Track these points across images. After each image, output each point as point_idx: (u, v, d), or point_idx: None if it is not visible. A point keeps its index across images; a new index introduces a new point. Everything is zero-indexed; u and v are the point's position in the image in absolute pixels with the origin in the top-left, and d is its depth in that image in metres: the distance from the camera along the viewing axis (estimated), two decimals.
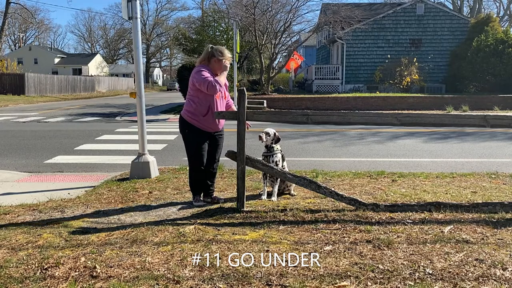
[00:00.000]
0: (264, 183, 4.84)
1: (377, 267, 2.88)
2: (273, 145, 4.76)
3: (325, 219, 3.91)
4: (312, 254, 3.10)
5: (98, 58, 67.17)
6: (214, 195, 4.75)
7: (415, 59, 23.67)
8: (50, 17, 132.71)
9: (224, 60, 4.39)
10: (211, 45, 4.44)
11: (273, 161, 4.65)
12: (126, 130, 12.78)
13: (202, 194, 4.66)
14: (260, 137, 4.68)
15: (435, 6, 25.61)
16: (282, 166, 4.73)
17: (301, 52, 36.44)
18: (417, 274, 2.78)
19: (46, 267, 2.92)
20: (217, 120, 4.44)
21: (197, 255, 3.07)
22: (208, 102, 4.39)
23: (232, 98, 17.59)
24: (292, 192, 4.92)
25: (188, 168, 4.65)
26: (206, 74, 4.29)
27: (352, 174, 6.11)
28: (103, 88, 47.64)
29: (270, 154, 4.74)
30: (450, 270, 2.83)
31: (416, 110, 18.30)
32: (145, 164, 5.98)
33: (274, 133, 4.77)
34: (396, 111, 11.07)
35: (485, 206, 4.09)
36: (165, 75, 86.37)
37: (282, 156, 4.82)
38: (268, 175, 4.74)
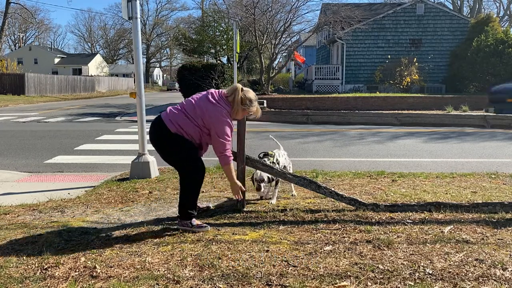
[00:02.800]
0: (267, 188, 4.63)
1: (377, 267, 2.88)
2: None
3: (325, 219, 3.91)
4: (312, 254, 3.10)
5: (98, 58, 67.19)
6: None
7: (415, 59, 23.67)
8: (50, 17, 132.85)
9: (252, 112, 3.80)
10: (241, 87, 3.72)
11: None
12: (126, 130, 12.78)
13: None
14: (258, 189, 4.32)
15: (435, 6, 25.62)
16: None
17: (301, 52, 36.47)
18: (417, 274, 2.78)
19: (46, 267, 2.92)
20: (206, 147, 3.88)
21: (197, 255, 3.07)
22: (203, 141, 3.75)
23: None
24: (293, 192, 4.87)
25: (186, 185, 3.70)
26: (229, 132, 3.60)
27: (352, 174, 6.11)
28: (103, 88, 47.65)
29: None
30: (450, 270, 2.83)
31: (416, 110, 18.30)
32: (145, 164, 5.98)
33: (269, 178, 4.36)
34: (396, 111, 11.07)
35: (485, 206, 4.10)
36: (165, 75, 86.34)
37: (277, 161, 4.53)
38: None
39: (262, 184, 4.29)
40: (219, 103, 3.60)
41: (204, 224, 3.70)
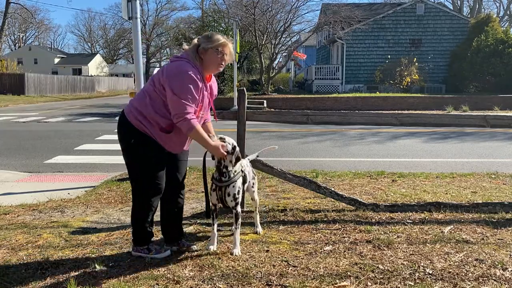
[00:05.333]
0: (213, 223, 3.18)
1: (377, 267, 2.88)
2: (230, 168, 3.00)
3: (325, 219, 3.91)
4: (312, 254, 3.10)
5: (98, 58, 67.15)
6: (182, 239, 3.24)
7: (415, 59, 23.69)
8: (50, 17, 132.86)
9: (218, 48, 2.84)
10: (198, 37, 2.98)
11: (229, 194, 3.03)
12: None
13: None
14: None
15: (435, 6, 25.64)
16: (244, 190, 3.23)
17: (301, 52, 36.45)
18: (417, 274, 2.78)
19: (46, 267, 2.92)
20: (187, 143, 3.02)
21: (197, 255, 3.07)
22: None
23: (232, 98, 17.45)
24: (258, 229, 3.57)
25: (132, 201, 3.03)
26: (192, 90, 2.73)
27: (352, 174, 6.11)
28: (103, 88, 47.62)
29: (224, 184, 3.03)
30: (450, 270, 2.83)
31: (416, 110, 18.28)
32: None
33: (234, 146, 3.03)
34: (396, 111, 11.06)
35: (485, 206, 4.10)
36: None
37: (244, 176, 3.21)
38: (219, 209, 3.19)
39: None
40: (182, 56, 2.88)
41: (164, 249, 3.05)
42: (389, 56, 24.48)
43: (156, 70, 3.18)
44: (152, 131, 2.83)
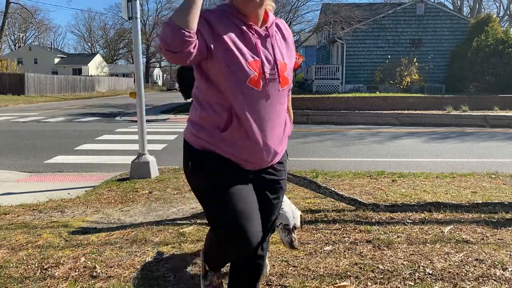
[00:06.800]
0: None
1: (377, 267, 2.88)
2: None
3: (325, 219, 3.91)
4: (312, 254, 3.10)
5: (98, 58, 67.20)
6: None
7: (415, 59, 23.69)
8: (50, 17, 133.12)
9: None
10: None
11: None
12: (126, 130, 12.78)
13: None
14: (291, 244, 2.51)
15: (435, 6, 25.64)
16: None
17: (301, 52, 36.47)
18: (417, 274, 2.78)
19: (46, 267, 2.92)
20: (267, 142, 1.87)
21: (196, 255, 3.07)
22: (228, 102, 1.80)
23: None
24: None
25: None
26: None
27: (352, 174, 6.11)
28: (103, 88, 47.64)
29: None
30: (450, 270, 2.83)
31: (416, 110, 18.28)
32: (145, 164, 5.97)
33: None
34: (396, 111, 11.08)
35: (485, 206, 4.09)
36: (165, 75, 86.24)
37: None
38: None
39: (294, 235, 2.50)
40: None
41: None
42: (389, 56, 24.49)
43: (156, 70, 3.18)
44: (211, 141, 1.86)
